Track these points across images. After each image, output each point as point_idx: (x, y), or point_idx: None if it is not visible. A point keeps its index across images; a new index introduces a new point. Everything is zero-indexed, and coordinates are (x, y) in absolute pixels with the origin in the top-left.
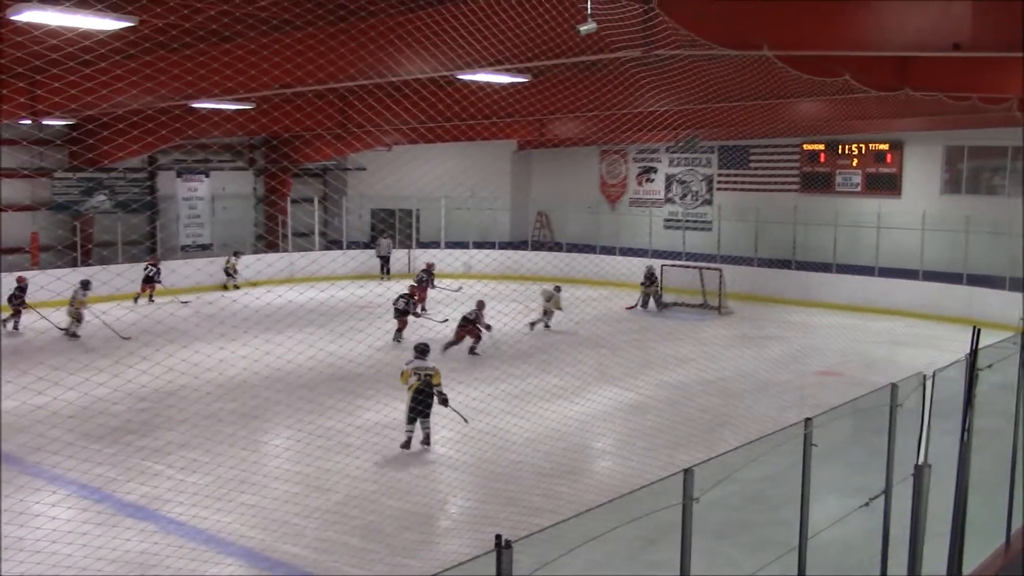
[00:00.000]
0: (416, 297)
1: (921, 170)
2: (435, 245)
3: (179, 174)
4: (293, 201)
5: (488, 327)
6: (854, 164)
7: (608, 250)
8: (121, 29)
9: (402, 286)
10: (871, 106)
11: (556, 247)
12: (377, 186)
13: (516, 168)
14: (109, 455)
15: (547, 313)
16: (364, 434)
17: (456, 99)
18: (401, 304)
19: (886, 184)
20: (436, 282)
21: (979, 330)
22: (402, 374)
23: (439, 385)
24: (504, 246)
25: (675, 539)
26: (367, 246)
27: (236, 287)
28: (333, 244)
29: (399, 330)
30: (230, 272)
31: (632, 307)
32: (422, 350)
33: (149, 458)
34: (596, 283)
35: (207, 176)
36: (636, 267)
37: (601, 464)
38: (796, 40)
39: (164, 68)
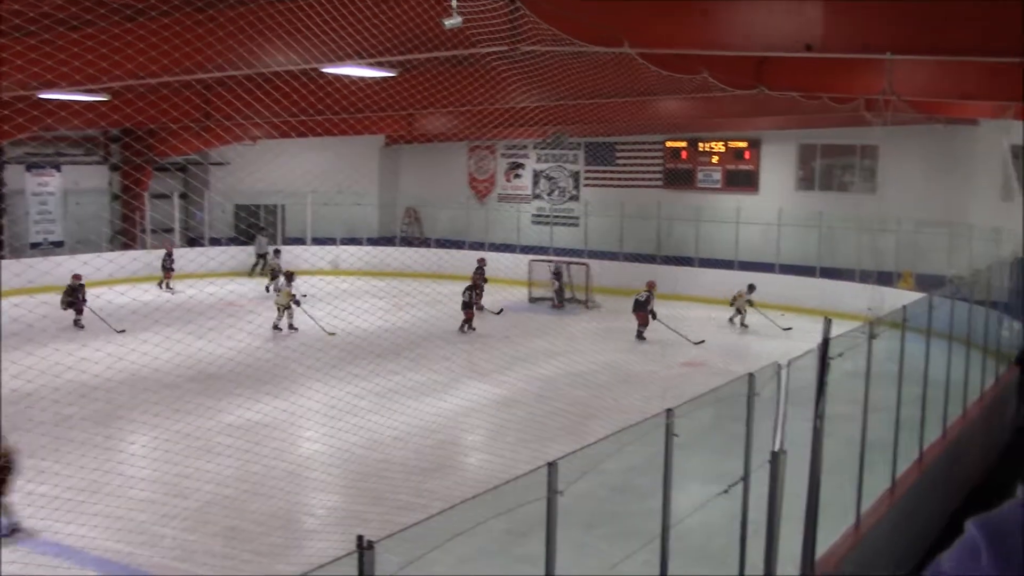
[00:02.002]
0: (477, 290)
1: (777, 167)
2: (301, 242)
3: (28, 168)
4: (152, 196)
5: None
6: (714, 161)
7: (477, 246)
8: None
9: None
10: (729, 104)
11: (425, 243)
12: (236, 180)
13: (384, 163)
14: None
15: (740, 312)
16: (225, 436)
17: (323, 93)
18: (466, 296)
19: (744, 181)
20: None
21: (830, 321)
22: None
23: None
24: (372, 242)
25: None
26: (233, 242)
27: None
28: (195, 241)
29: (466, 321)
30: (275, 269)
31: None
32: None
33: None
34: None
35: (59, 170)
36: (505, 262)
37: (471, 459)
38: (655, 38)
39: (8, 56)
